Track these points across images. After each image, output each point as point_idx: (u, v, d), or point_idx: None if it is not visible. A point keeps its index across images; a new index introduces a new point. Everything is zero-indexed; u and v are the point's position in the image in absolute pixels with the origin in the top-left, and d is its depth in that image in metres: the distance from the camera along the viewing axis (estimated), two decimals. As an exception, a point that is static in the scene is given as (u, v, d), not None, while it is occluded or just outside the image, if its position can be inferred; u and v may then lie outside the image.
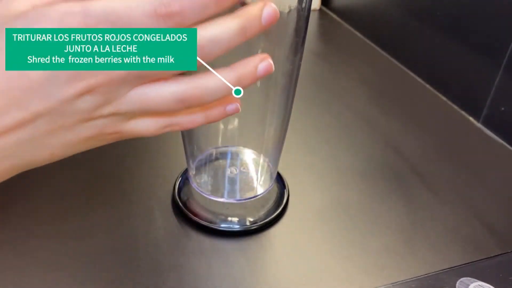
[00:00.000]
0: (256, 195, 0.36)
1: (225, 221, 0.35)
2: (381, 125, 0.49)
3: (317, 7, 0.80)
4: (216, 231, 0.34)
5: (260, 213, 0.36)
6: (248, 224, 0.35)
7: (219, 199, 0.35)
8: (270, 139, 0.35)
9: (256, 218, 0.35)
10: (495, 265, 0.33)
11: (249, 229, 0.35)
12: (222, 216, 0.35)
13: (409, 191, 0.40)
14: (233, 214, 0.35)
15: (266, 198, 0.37)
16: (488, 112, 0.49)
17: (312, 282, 0.31)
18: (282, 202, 0.37)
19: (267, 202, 0.37)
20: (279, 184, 0.39)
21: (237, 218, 0.35)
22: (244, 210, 0.36)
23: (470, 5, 0.50)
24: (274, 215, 0.36)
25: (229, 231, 0.35)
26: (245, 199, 0.35)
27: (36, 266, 0.32)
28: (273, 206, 0.37)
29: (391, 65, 0.62)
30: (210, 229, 0.35)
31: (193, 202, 0.36)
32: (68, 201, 0.37)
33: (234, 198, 0.35)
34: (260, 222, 0.35)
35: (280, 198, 0.38)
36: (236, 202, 0.35)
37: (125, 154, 0.42)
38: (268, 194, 0.37)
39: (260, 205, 0.36)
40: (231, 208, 0.36)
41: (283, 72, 0.32)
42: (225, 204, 0.35)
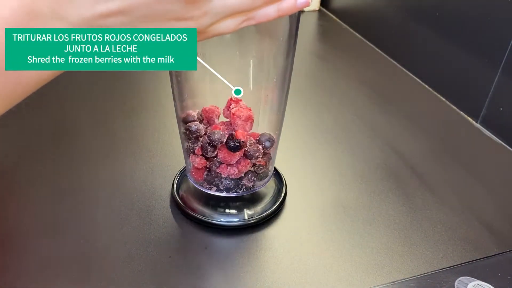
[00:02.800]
0: (254, 189, 0.36)
1: (223, 215, 0.35)
2: (380, 125, 0.49)
3: (316, 8, 0.80)
4: (215, 226, 0.35)
5: (258, 207, 0.36)
6: (247, 218, 0.35)
7: (217, 193, 0.35)
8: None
9: (254, 212, 0.36)
10: (494, 265, 0.33)
11: (248, 223, 0.35)
12: (221, 210, 0.36)
13: (407, 191, 0.40)
14: (232, 207, 0.36)
15: (264, 192, 0.37)
16: (486, 113, 0.49)
17: (311, 280, 0.32)
18: (280, 197, 0.37)
19: (265, 196, 0.37)
20: (277, 180, 0.39)
21: (235, 211, 0.36)
22: (243, 204, 0.36)
23: (469, 7, 0.50)
24: (273, 209, 0.36)
25: (228, 226, 0.35)
26: (243, 193, 0.35)
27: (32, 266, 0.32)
28: (271, 200, 0.37)
29: (389, 66, 0.62)
30: (209, 223, 0.35)
31: (191, 198, 0.37)
32: (69, 200, 0.37)
33: (232, 193, 0.35)
34: (258, 216, 0.35)
35: (278, 193, 0.38)
36: (234, 196, 0.35)
37: (126, 155, 0.43)
38: (266, 189, 0.37)
39: (259, 199, 0.37)
40: (229, 202, 0.36)
41: (277, 69, 0.32)
42: (223, 198, 0.36)
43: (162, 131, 0.46)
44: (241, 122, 0.32)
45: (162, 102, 0.51)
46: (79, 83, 0.55)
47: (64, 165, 0.41)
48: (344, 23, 0.75)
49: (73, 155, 0.43)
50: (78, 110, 0.50)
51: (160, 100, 0.52)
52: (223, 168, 0.34)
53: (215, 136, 0.32)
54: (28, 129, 0.46)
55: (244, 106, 0.33)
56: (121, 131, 0.46)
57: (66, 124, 0.47)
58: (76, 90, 0.53)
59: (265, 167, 0.35)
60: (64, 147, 0.44)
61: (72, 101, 0.51)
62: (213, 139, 0.32)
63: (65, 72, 0.23)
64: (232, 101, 0.33)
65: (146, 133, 0.46)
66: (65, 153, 0.43)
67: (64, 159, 0.42)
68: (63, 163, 0.42)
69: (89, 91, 0.54)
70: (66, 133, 0.46)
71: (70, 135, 0.45)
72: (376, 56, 0.65)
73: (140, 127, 0.47)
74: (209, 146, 0.32)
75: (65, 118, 0.48)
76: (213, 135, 0.32)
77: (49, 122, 0.47)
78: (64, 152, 0.43)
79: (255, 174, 0.35)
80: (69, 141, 0.44)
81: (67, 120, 0.48)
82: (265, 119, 0.35)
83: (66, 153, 0.43)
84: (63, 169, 0.41)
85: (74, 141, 0.44)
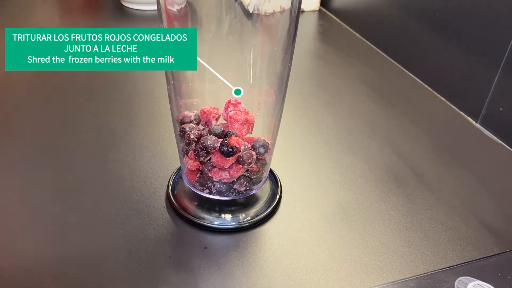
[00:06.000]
0: (247, 194, 0.36)
1: (219, 218, 0.35)
2: (380, 125, 0.49)
3: (316, 8, 0.80)
4: (208, 228, 0.35)
5: (253, 210, 0.36)
6: (242, 220, 0.35)
7: (209, 195, 0.35)
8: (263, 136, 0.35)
9: (250, 215, 0.36)
10: (494, 264, 0.33)
11: (243, 225, 0.35)
12: (215, 213, 0.36)
13: (407, 191, 0.40)
14: (227, 211, 0.36)
15: (259, 195, 0.37)
16: (486, 113, 0.49)
17: (310, 280, 0.32)
18: (275, 200, 0.37)
19: (261, 199, 0.37)
20: (272, 182, 0.39)
21: (230, 215, 0.36)
22: (238, 207, 0.36)
23: (469, 6, 0.50)
24: (268, 211, 0.36)
25: (223, 228, 0.35)
26: (235, 197, 0.35)
27: (32, 266, 0.32)
28: (266, 203, 0.37)
29: (389, 66, 0.62)
30: (201, 225, 0.35)
31: (186, 200, 0.37)
32: (68, 200, 0.37)
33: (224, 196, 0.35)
34: (254, 219, 0.35)
35: (272, 196, 0.38)
36: (229, 199, 0.35)
37: (126, 155, 0.43)
38: (261, 192, 0.37)
39: (254, 202, 0.37)
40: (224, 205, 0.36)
41: (275, 69, 0.32)
42: (218, 201, 0.35)
43: (162, 131, 0.46)
44: (238, 125, 0.32)
45: (163, 101, 0.51)
46: (79, 83, 0.55)
47: (63, 164, 0.41)
48: (344, 23, 0.75)
49: (73, 155, 0.43)
50: (77, 110, 0.50)
51: (161, 99, 0.52)
52: (215, 172, 0.34)
53: (208, 142, 0.32)
54: (28, 129, 0.46)
55: (243, 109, 0.33)
56: (121, 131, 0.46)
57: (66, 124, 0.47)
58: (75, 90, 0.54)
59: (258, 172, 0.35)
60: (64, 147, 0.44)
61: (71, 101, 0.51)
62: (206, 145, 0.32)
63: (65, 72, 0.23)
64: (230, 104, 0.33)
65: (146, 133, 0.46)
66: (64, 153, 0.43)
67: (63, 159, 0.42)
68: (62, 162, 0.42)
69: (88, 91, 0.54)
70: (65, 133, 0.46)
71: (70, 135, 0.45)
72: (376, 56, 0.65)
73: (140, 127, 0.47)
74: (202, 151, 0.32)
75: (64, 118, 0.48)
76: (205, 142, 0.32)
77: (48, 122, 0.47)
78: (63, 152, 0.43)
79: (248, 179, 0.35)
80: (69, 141, 0.44)
81: (67, 120, 0.48)
82: (261, 122, 0.34)
83: (65, 153, 0.43)
84: (63, 169, 0.41)
85: (74, 141, 0.44)
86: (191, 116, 0.34)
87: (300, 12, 0.31)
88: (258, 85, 0.33)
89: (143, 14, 0.77)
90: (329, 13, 0.79)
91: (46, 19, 0.75)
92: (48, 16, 0.76)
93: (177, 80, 0.32)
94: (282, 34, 0.30)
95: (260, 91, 0.33)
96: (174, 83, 0.33)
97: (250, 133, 0.33)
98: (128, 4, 0.78)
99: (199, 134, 0.33)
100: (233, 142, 0.31)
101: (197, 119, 0.34)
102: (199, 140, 0.32)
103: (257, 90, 0.33)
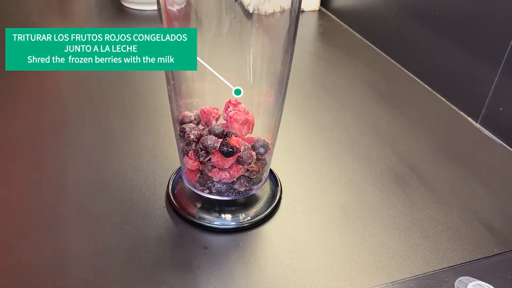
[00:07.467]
0: (247, 194, 0.36)
1: (219, 218, 0.35)
2: (380, 125, 0.49)
3: (316, 8, 0.80)
4: (208, 228, 0.35)
5: (253, 210, 0.36)
6: (242, 220, 0.35)
7: (209, 195, 0.35)
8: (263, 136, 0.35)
9: (250, 215, 0.36)
10: (494, 264, 0.33)
11: (243, 225, 0.35)
12: (215, 213, 0.36)
13: (407, 191, 0.40)
14: (227, 211, 0.36)
15: (260, 194, 0.37)
16: (486, 113, 0.49)
17: (310, 280, 0.32)
18: (275, 200, 0.37)
19: (261, 199, 0.37)
20: (272, 182, 0.39)
21: (230, 215, 0.36)
22: (238, 207, 0.36)
23: (469, 7, 0.50)
24: (268, 211, 0.36)
25: (223, 229, 0.35)
26: (235, 197, 0.35)
27: (30, 266, 0.32)
28: (266, 203, 0.37)
29: (389, 66, 0.62)
30: (205, 226, 0.35)
31: (186, 200, 0.37)
32: (68, 200, 0.37)
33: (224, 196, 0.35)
34: (254, 219, 0.35)
35: (272, 196, 0.38)
36: (229, 199, 0.35)
37: (126, 155, 0.43)
38: (261, 192, 0.37)
39: (254, 202, 0.37)
40: (224, 205, 0.36)
41: (275, 69, 0.32)
42: (218, 201, 0.35)
43: (163, 130, 0.46)
44: (238, 125, 0.32)
45: (163, 101, 0.51)
46: (79, 83, 0.55)
47: (63, 164, 0.41)
48: (344, 23, 0.75)
49: (73, 154, 0.43)
50: (77, 110, 0.50)
51: (161, 99, 0.52)
52: (215, 172, 0.34)
53: (208, 142, 0.32)
54: (28, 129, 0.46)
55: (243, 109, 0.33)
56: (121, 131, 0.46)
57: (66, 124, 0.47)
58: (75, 90, 0.54)
59: (258, 172, 0.35)
60: (64, 147, 0.44)
61: (71, 101, 0.51)
62: (206, 145, 0.32)
63: (65, 72, 0.23)
64: (230, 104, 0.33)
65: (146, 133, 0.46)
66: (64, 152, 0.43)
67: (63, 158, 0.42)
68: (62, 162, 0.42)
69: (88, 91, 0.54)
70: (65, 133, 0.46)
71: (70, 135, 0.45)
72: (376, 56, 0.65)
73: (140, 126, 0.47)
74: (202, 151, 0.32)
75: (64, 118, 0.48)
76: (205, 142, 0.32)
77: (48, 122, 0.47)
78: (63, 152, 0.43)
79: (248, 179, 0.35)
80: (68, 140, 0.44)
81: (67, 120, 0.48)
82: (261, 122, 0.34)
83: (65, 153, 0.43)
84: (63, 168, 0.41)
85: (74, 141, 0.44)
86: (191, 116, 0.34)
87: (300, 12, 0.31)
88: (258, 85, 0.33)
89: (143, 14, 0.77)
90: (329, 13, 0.79)
91: (46, 19, 0.75)
92: (48, 16, 0.76)
93: (177, 80, 0.32)
94: (282, 34, 0.30)
95: (260, 91, 0.33)
96: (174, 83, 0.33)
97: (250, 133, 0.33)
98: (128, 4, 0.78)
99: (199, 134, 0.33)
100: (233, 142, 0.31)
101: (197, 119, 0.34)
102: (199, 140, 0.32)
103: (257, 90, 0.33)
